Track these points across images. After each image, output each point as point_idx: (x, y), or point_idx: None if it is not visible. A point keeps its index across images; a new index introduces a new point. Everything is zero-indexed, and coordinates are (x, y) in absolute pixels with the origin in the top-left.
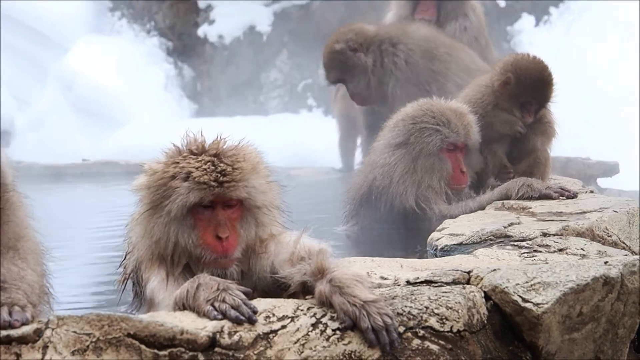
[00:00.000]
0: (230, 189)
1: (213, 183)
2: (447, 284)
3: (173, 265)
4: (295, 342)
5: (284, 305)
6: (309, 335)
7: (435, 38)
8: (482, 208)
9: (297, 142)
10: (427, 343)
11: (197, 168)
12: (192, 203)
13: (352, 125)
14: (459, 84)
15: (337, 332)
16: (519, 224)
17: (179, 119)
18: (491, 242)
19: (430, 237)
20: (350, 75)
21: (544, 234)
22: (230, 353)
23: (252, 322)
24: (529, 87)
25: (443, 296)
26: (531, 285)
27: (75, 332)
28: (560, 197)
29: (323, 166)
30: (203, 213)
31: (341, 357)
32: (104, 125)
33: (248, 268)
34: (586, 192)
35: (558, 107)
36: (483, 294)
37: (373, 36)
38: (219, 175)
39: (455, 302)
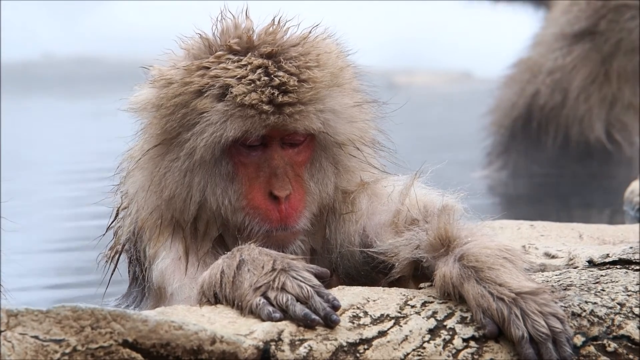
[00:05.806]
0: (295, 116)
1: (266, 107)
2: None
3: (196, 239)
4: None
5: (384, 298)
6: (424, 348)
7: None
8: None
9: (407, 32)
10: None
11: (239, 79)
12: (230, 139)
13: None
14: None
15: (472, 343)
16: None
17: None
18: None
19: (629, 189)
20: None
21: None
22: None
23: (330, 324)
24: None
25: None
26: None
27: (36, 337)
28: None
29: (450, 69)
30: (249, 156)
31: None
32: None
33: (323, 242)
34: None
35: None
36: None
37: None
38: (277, 91)
39: None
